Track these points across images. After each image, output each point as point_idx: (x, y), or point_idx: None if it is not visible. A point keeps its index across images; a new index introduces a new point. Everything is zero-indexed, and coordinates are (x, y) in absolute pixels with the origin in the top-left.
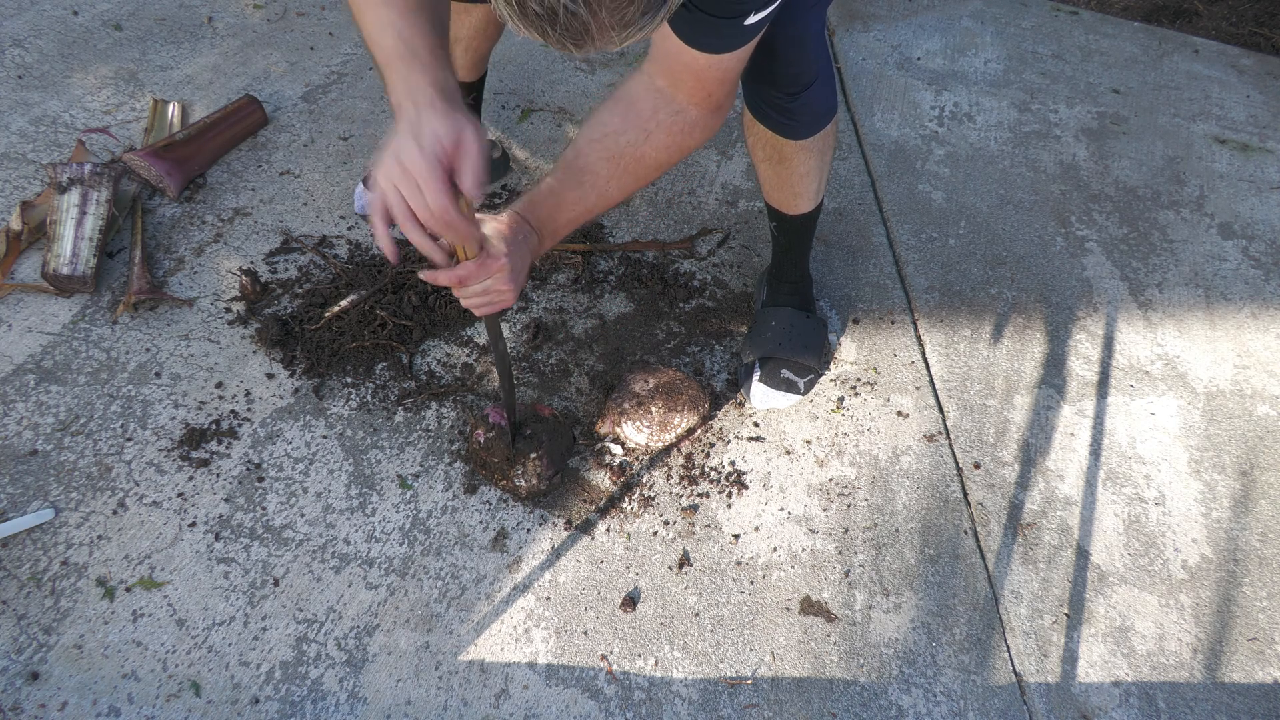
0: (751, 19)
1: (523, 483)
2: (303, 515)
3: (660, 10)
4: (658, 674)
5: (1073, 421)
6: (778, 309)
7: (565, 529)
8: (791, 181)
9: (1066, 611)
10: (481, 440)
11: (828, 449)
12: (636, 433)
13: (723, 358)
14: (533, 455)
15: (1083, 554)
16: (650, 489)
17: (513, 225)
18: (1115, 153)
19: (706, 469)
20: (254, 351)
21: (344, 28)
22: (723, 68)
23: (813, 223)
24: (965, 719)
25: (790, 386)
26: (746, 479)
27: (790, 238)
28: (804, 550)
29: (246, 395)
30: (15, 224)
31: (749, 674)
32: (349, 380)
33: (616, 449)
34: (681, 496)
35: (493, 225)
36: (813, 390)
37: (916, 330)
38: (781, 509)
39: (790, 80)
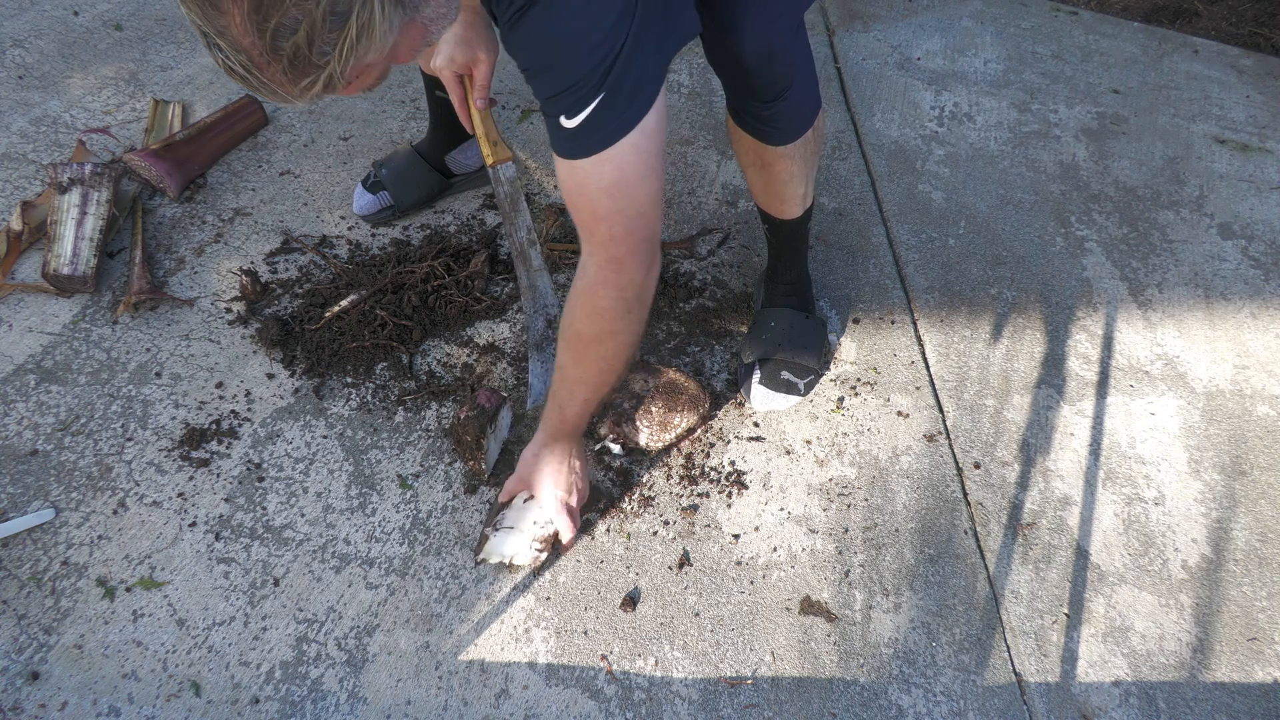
0: (566, 122)
1: (482, 465)
2: (303, 515)
3: (316, 76)
4: (658, 674)
5: (1072, 421)
6: (777, 309)
7: None
8: (776, 187)
9: (1066, 611)
10: (461, 418)
11: (828, 449)
12: (636, 433)
13: (723, 358)
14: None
15: (1082, 554)
16: (650, 489)
17: (529, 462)
18: (1115, 153)
19: (706, 469)
20: (254, 351)
21: None
22: (578, 183)
23: (803, 227)
24: (965, 719)
25: (790, 388)
26: (746, 479)
27: (783, 241)
28: (804, 550)
29: (247, 395)
30: (16, 224)
31: (749, 674)
32: (349, 380)
33: (616, 449)
34: (681, 496)
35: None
36: (813, 391)
37: (916, 330)
38: (781, 509)
39: (763, 90)
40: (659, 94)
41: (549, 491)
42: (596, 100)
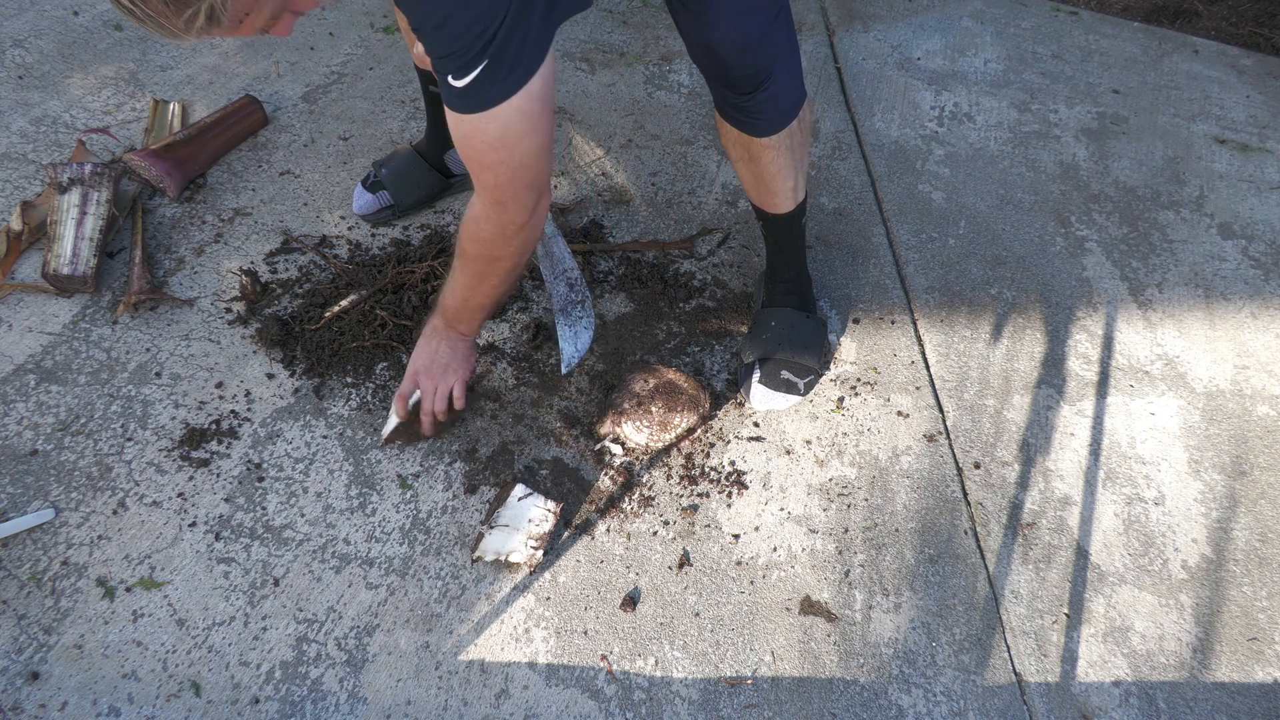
0: (454, 81)
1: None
2: (303, 515)
3: (201, 8)
4: (658, 674)
5: (1072, 421)
6: (777, 309)
7: (565, 529)
8: (765, 179)
9: (1066, 611)
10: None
11: (828, 449)
12: (636, 433)
13: (723, 358)
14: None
15: (1082, 554)
16: (650, 489)
17: (425, 328)
18: (1115, 153)
19: (706, 469)
20: (254, 351)
21: (344, 27)
22: (463, 135)
23: (797, 222)
24: (965, 719)
25: (790, 387)
26: (746, 479)
27: (778, 237)
28: (804, 550)
29: (246, 395)
30: (15, 224)
31: (749, 674)
32: (349, 380)
33: (616, 449)
34: (681, 496)
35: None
36: (813, 391)
37: (916, 330)
38: (781, 509)
39: (742, 82)
40: (545, 60)
41: (423, 361)
42: (480, 67)
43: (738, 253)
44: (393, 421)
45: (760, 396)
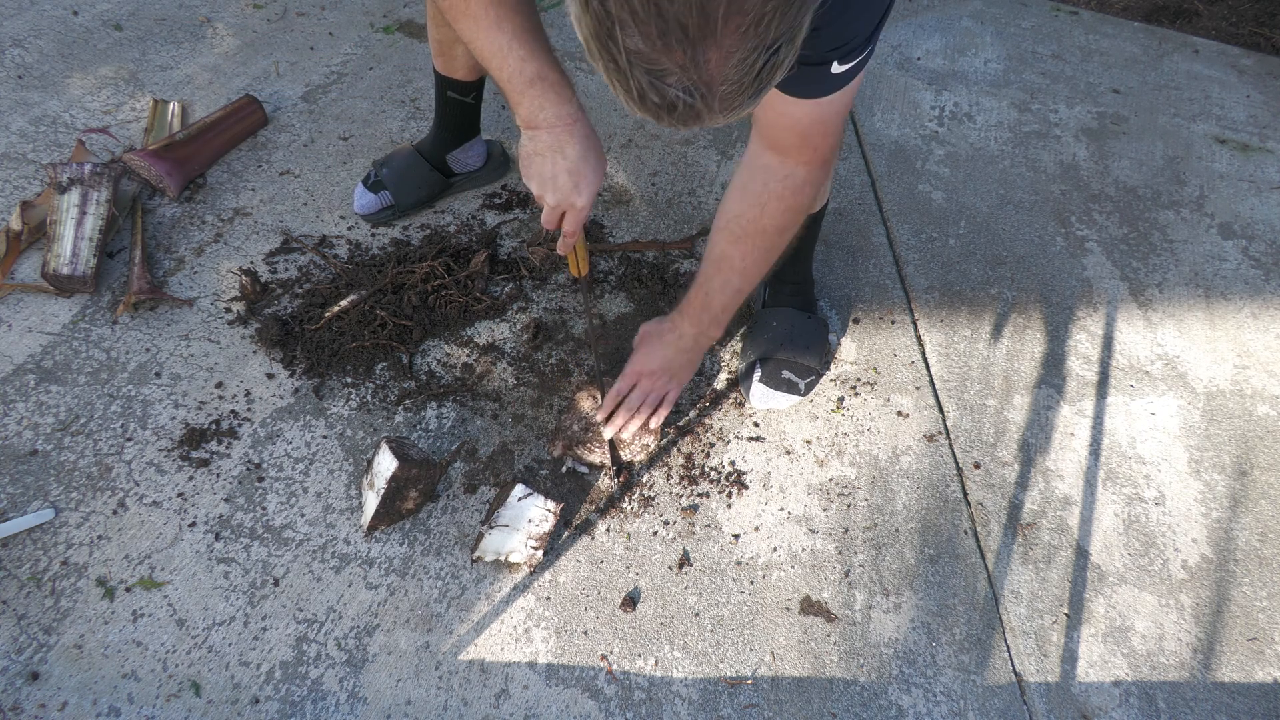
0: (838, 68)
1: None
2: (303, 515)
3: (760, 94)
4: (658, 674)
5: (1073, 421)
6: (779, 309)
7: (565, 529)
8: None
9: (1066, 611)
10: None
11: (828, 449)
12: (589, 454)
13: (723, 358)
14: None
15: (1082, 554)
16: (650, 489)
17: (654, 327)
18: (1115, 153)
19: (706, 469)
20: (254, 351)
21: (344, 27)
22: (822, 117)
23: (817, 224)
24: (965, 719)
25: (790, 387)
26: (746, 479)
27: (795, 238)
28: (804, 550)
29: (246, 395)
30: (15, 224)
31: (749, 674)
32: (349, 380)
33: (583, 468)
34: (681, 496)
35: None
36: (813, 391)
37: (916, 330)
38: (781, 509)
39: None
40: None
41: (655, 366)
42: (870, 47)
43: None
44: (371, 505)
45: (761, 396)
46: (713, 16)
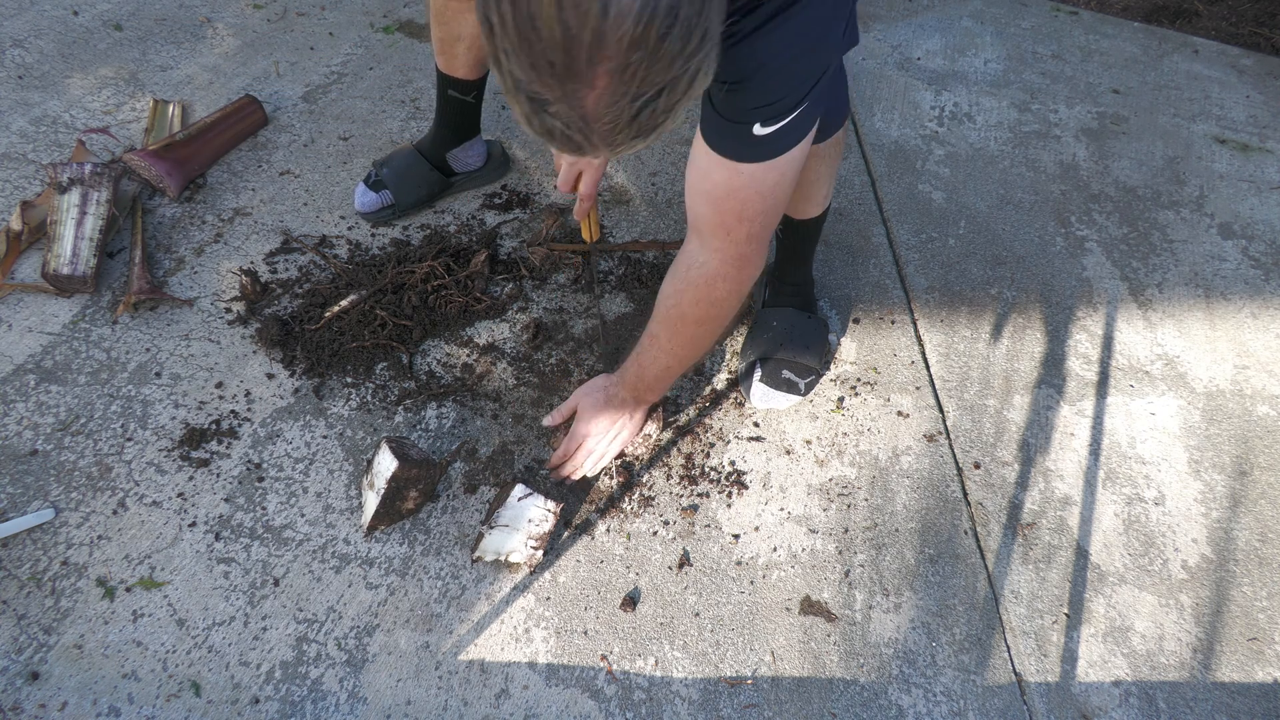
0: (760, 130)
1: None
2: (303, 515)
3: (649, 135)
4: (658, 674)
5: (1072, 421)
6: (779, 309)
7: (565, 529)
8: (804, 187)
9: (1066, 611)
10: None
11: (828, 449)
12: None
13: (723, 357)
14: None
15: (1082, 554)
16: (650, 489)
17: (595, 386)
18: (1115, 153)
19: (706, 469)
20: (254, 351)
21: (344, 28)
22: (738, 187)
23: (819, 227)
24: (965, 719)
25: (791, 387)
26: (746, 479)
27: (798, 241)
28: (804, 550)
29: (246, 395)
30: (15, 224)
31: (749, 674)
32: (349, 380)
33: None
34: (681, 496)
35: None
36: (813, 391)
37: (916, 330)
38: (781, 509)
39: None
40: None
41: (599, 430)
42: (799, 110)
43: None
44: (371, 505)
45: (761, 396)
46: (578, 59)
